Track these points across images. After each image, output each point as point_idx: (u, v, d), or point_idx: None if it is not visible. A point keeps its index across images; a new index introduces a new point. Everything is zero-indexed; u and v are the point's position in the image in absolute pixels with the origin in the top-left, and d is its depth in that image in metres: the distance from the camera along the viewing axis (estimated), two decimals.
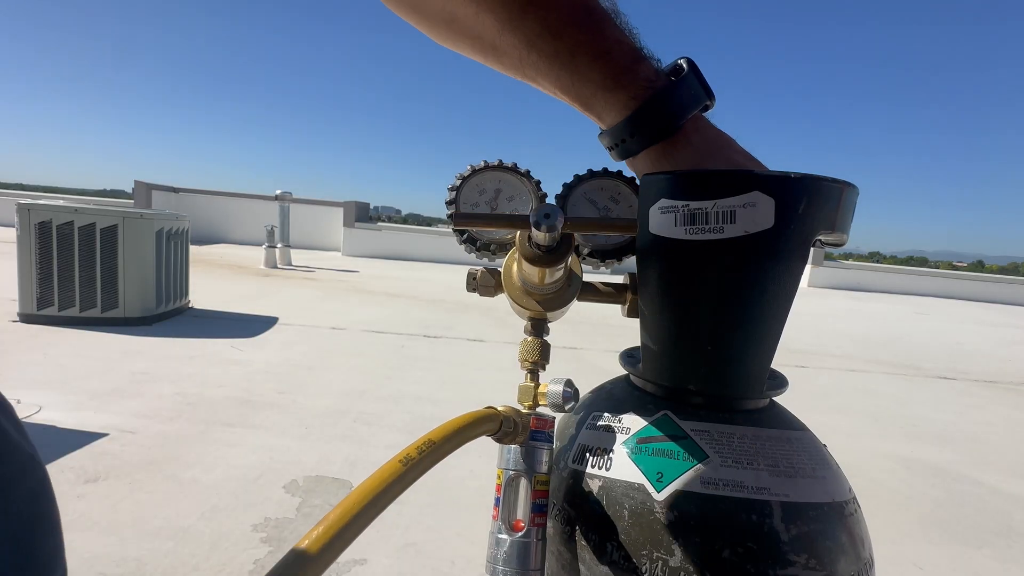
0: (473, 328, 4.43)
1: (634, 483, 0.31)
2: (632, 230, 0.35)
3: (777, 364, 0.35)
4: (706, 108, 0.38)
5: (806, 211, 0.30)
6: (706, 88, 0.37)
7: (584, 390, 0.41)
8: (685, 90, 0.36)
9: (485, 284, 0.44)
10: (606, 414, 0.36)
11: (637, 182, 0.37)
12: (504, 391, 2.93)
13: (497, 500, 0.32)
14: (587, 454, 0.34)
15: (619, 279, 0.44)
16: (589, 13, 0.37)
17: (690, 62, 0.37)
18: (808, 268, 10.05)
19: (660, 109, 0.36)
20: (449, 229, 0.44)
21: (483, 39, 0.39)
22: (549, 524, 0.33)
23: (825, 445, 0.34)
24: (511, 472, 0.32)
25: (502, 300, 0.44)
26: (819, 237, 0.32)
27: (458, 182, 0.45)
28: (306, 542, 0.21)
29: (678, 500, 0.30)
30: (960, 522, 2.01)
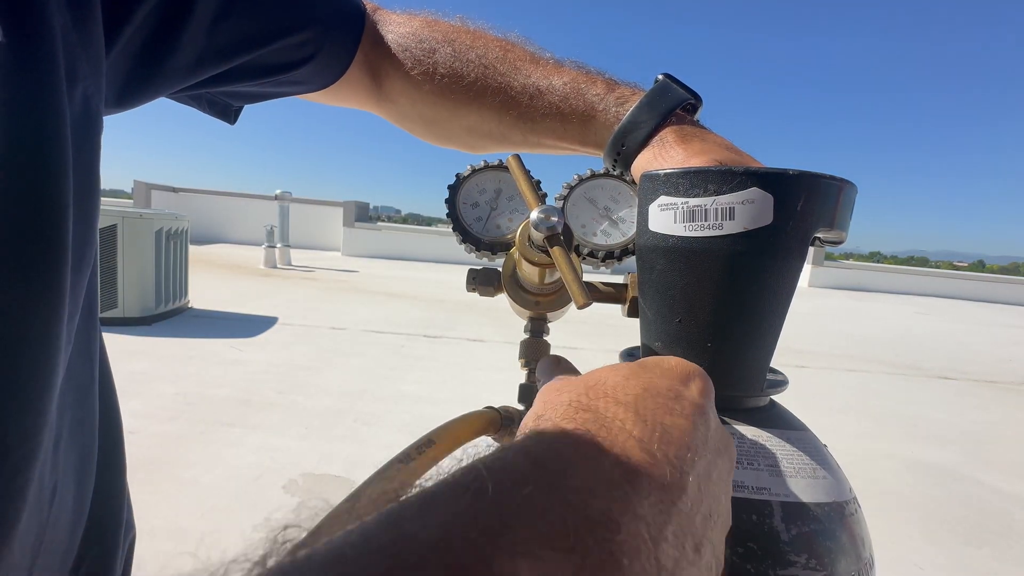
0: (473, 328, 4.44)
1: None
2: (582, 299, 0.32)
3: (777, 364, 0.35)
4: (694, 107, 0.42)
5: (805, 208, 0.30)
6: (688, 89, 0.41)
7: None
8: (669, 88, 0.41)
9: (485, 284, 0.44)
10: None
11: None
12: (504, 391, 2.93)
13: None
14: None
15: (619, 279, 0.44)
16: (559, 73, 0.45)
17: (667, 74, 0.42)
18: (808, 268, 10.05)
19: (652, 104, 0.40)
20: (449, 229, 0.44)
21: (493, 135, 0.49)
22: None
23: (825, 445, 0.34)
24: None
25: (502, 300, 0.44)
26: (818, 235, 0.32)
27: (458, 182, 0.45)
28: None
29: None
30: (961, 522, 2.01)
